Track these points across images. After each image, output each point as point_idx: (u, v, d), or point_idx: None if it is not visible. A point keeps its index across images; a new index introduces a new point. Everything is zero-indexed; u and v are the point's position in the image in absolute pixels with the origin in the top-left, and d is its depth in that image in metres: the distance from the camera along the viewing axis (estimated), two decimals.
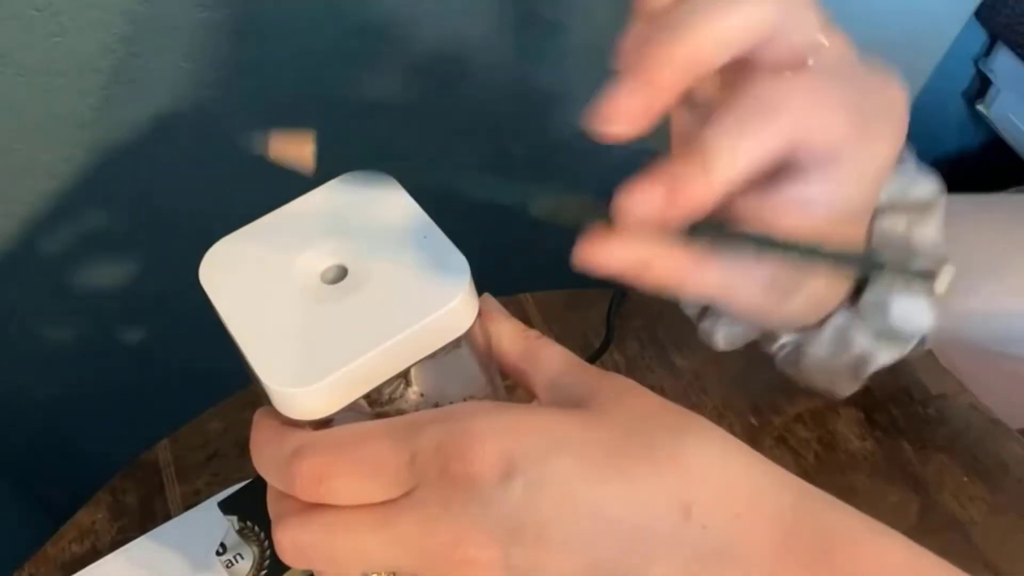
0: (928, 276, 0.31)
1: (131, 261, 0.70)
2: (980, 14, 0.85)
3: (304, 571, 0.44)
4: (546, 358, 0.31)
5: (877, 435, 0.56)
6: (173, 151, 0.63)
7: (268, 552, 0.43)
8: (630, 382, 0.29)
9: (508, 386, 0.34)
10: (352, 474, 0.26)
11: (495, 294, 0.34)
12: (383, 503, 0.26)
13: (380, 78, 0.66)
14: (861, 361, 0.38)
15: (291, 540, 0.27)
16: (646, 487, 0.25)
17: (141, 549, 0.52)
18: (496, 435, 0.25)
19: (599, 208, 0.29)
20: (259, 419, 0.29)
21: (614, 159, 0.82)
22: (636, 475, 0.25)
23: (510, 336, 0.32)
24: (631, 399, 0.28)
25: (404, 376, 0.30)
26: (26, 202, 0.62)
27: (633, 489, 0.25)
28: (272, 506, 0.29)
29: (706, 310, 0.41)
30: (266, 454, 0.28)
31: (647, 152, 0.34)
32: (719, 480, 0.26)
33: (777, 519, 0.25)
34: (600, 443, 0.26)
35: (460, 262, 0.29)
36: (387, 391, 0.30)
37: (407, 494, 0.26)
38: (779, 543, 0.25)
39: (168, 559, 0.51)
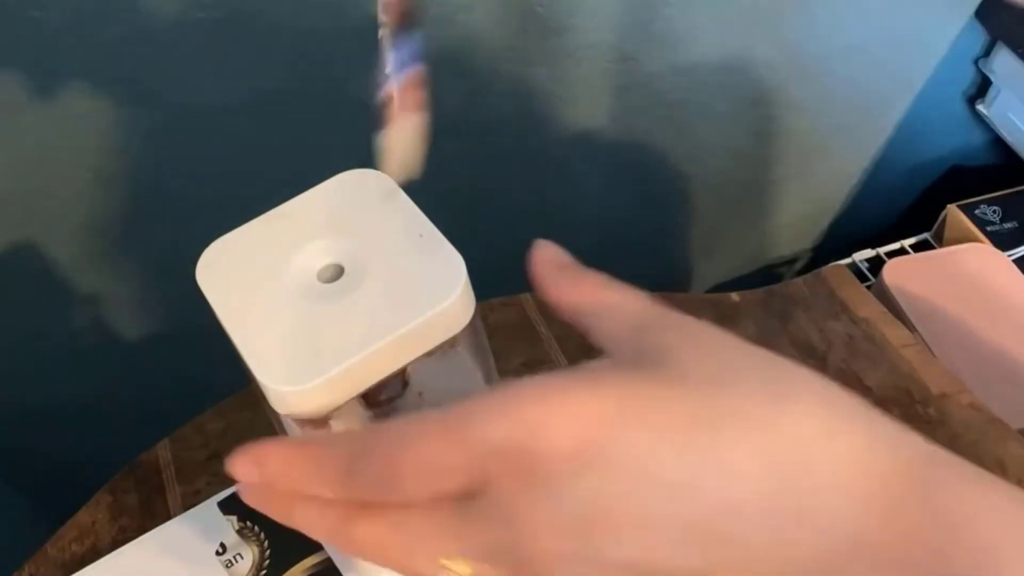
0: None
1: (130, 260, 0.70)
2: (980, 14, 0.85)
3: (304, 571, 0.44)
4: (616, 308, 0.27)
5: None
6: (172, 151, 0.63)
7: (268, 552, 0.43)
8: (715, 330, 0.26)
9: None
10: (416, 475, 0.24)
11: (495, 294, 0.33)
12: (456, 500, 0.24)
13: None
14: None
15: (361, 537, 0.25)
16: (738, 456, 0.23)
17: (141, 549, 0.52)
18: (563, 419, 0.23)
19: None
20: (286, 450, 0.27)
21: (615, 159, 0.82)
22: (725, 443, 0.23)
23: (571, 286, 0.28)
24: (718, 352, 0.25)
25: (401, 375, 0.30)
26: (25, 203, 0.62)
27: (722, 459, 0.23)
28: (331, 510, 0.26)
29: None
30: (319, 472, 0.26)
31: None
32: (820, 445, 0.23)
33: (883, 489, 0.23)
34: (682, 408, 0.23)
35: (456, 260, 0.29)
36: (384, 390, 0.30)
37: (479, 490, 0.24)
38: (884, 509, 0.23)
39: (168, 559, 0.51)
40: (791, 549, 0.23)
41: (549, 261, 0.29)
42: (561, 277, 0.29)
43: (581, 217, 0.87)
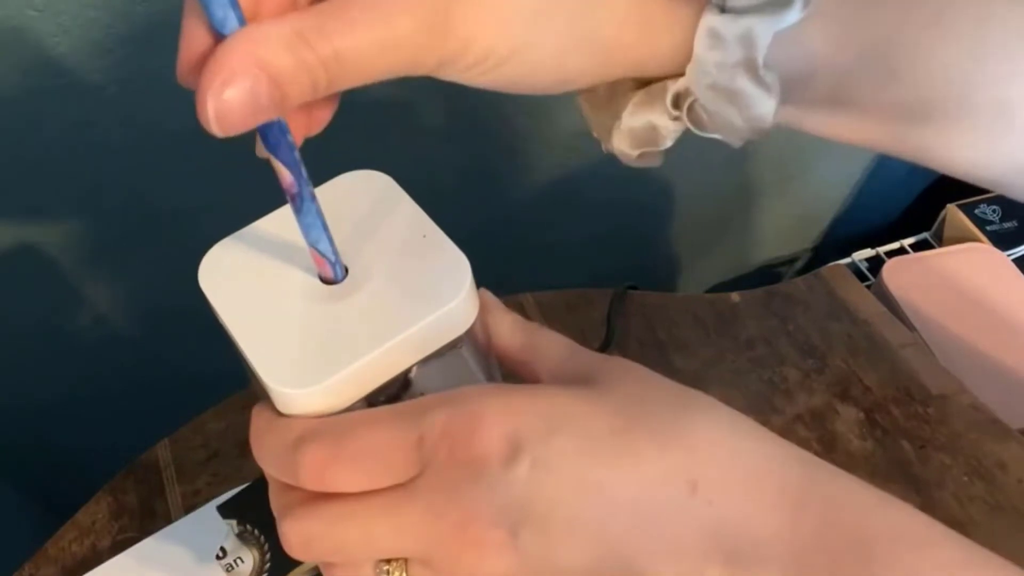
0: None
1: (131, 261, 0.70)
2: None
3: (306, 573, 0.44)
4: (547, 347, 0.31)
5: (877, 435, 0.56)
6: (173, 152, 0.63)
7: (268, 555, 0.43)
8: (633, 363, 0.29)
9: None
10: (358, 461, 0.26)
11: (495, 294, 0.34)
12: (390, 489, 0.26)
13: None
14: (748, 45, 0.28)
15: (298, 532, 0.27)
16: (651, 464, 0.25)
17: (141, 554, 0.52)
18: (501, 416, 0.25)
19: None
20: (258, 412, 0.29)
21: (615, 159, 0.82)
22: (640, 452, 0.25)
23: (510, 329, 0.32)
24: (635, 378, 0.28)
25: (405, 376, 0.30)
26: (26, 203, 0.62)
27: (638, 466, 0.25)
28: (275, 499, 0.28)
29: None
30: (267, 445, 0.28)
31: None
32: (725, 455, 0.25)
33: (784, 492, 0.25)
34: (603, 420, 0.26)
35: (461, 261, 0.29)
36: (388, 392, 0.30)
37: (414, 479, 0.26)
38: (787, 515, 0.25)
39: (168, 564, 0.51)
40: (696, 552, 0.25)
41: (492, 304, 0.32)
42: (503, 323, 0.32)
43: (581, 217, 0.87)
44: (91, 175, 0.62)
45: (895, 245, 0.94)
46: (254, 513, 0.43)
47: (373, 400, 0.30)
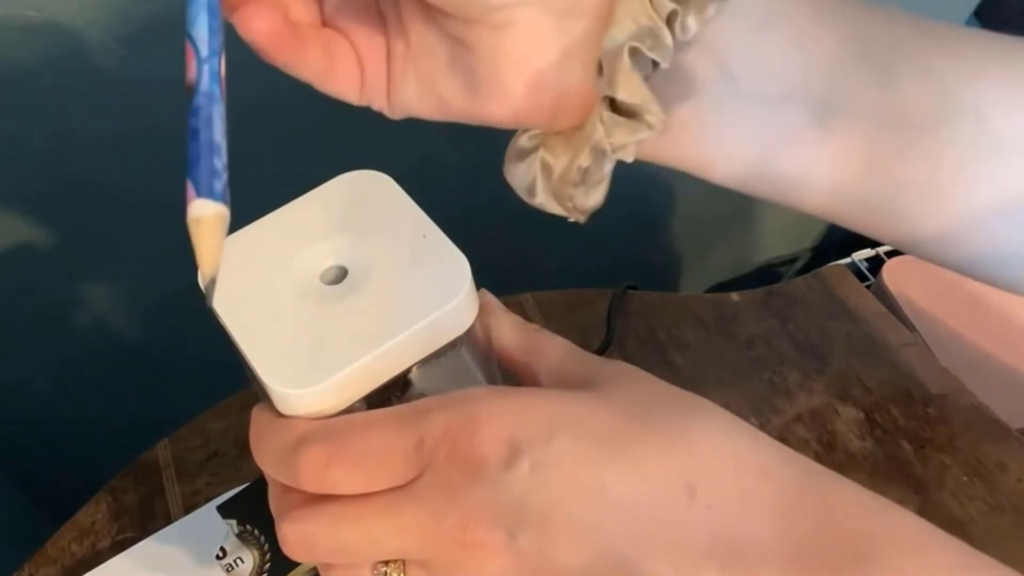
0: None
1: (131, 261, 0.70)
2: (980, 13, 0.85)
3: (306, 573, 0.44)
4: (548, 348, 0.31)
5: (877, 435, 0.56)
6: (173, 152, 0.63)
7: (268, 555, 0.43)
8: (633, 367, 0.29)
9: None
10: (357, 463, 0.26)
11: (495, 294, 0.34)
12: (389, 491, 0.26)
13: None
14: None
15: (297, 533, 0.27)
16: (650, 467, 0.25)
17: (140, 554, 0.52)
18: (501, 419, 0.26)
19: None
20: (258, 413, 0.29)
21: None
22: (640, 455, 0.25)
23: (510, 330, 0.32)
24: (635, 382, 0.29)
25: (405, 376, 0.30)
26: (26, 202, 0.62)
27: (637, 470, 0.25)
28: (275, 501, 0.28)
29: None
30: (267, 446, 0.28)
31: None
32: (724, 460, 0.26)
33: (781, 496, 0.25)
34: (603, 423, 0.26)
35: (460, 261, 0.29)
36: (388, 392, 0.30)
37: (413, 481, 0.26)
38: (785, 520, 0.25)
39: (168, 563, 0.51)
40: (694, 555, 0.25)
41: (493, 305, 0.33)
42: (503, 324, 0.32)
43: None
44: (92, 176, 0.62)
45: None
46: (254, 513, 0.43)
47: (373, 400, 0.30)
